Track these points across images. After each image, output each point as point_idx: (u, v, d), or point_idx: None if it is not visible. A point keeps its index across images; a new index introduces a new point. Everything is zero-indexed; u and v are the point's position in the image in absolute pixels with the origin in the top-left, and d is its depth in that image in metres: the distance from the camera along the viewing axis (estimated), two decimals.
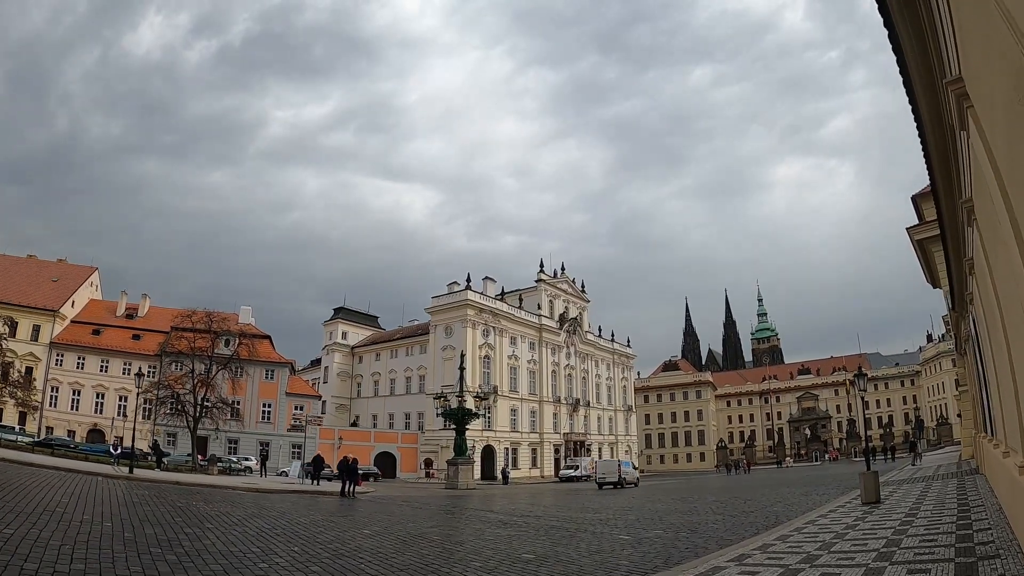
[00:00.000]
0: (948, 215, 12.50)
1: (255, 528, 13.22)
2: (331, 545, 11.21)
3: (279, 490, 28.01)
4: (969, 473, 19.78)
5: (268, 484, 31.75)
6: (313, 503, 22.21)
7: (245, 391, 62.39)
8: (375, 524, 15.74)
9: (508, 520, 17.52)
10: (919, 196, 35.62)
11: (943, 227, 13.56)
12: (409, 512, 19.93)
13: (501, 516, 18.87)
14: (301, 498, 24.79)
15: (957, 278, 14.20)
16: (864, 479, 14.42)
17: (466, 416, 43.48)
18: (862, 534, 9.86)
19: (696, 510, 18.31)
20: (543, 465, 74.69)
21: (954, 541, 8.22)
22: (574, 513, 19.21)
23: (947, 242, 14.25)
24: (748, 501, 20.43)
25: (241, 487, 27.66)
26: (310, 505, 21.21)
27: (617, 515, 17.90)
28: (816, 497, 20.24)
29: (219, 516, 14.94)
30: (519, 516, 18.66)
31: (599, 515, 18.14)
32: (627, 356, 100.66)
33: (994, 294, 7.02)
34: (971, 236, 9.19)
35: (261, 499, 22.67)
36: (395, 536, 13.21)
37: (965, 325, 18.96)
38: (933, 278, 36.85)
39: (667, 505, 20.94)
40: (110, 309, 67.40)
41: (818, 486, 26.52)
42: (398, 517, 18.23)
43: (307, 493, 27.64)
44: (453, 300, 71.70)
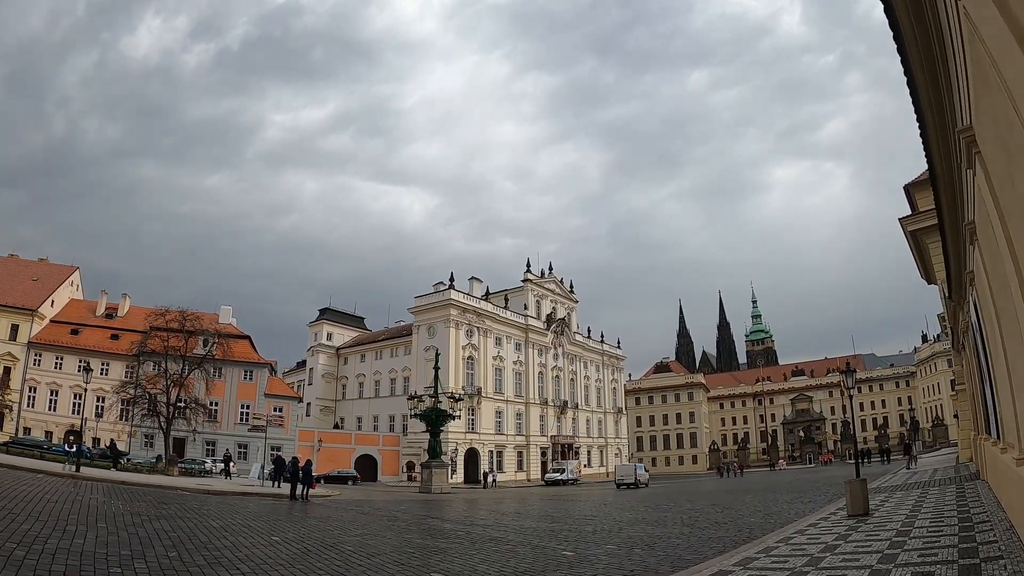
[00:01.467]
0: (947, 192, 10.76)
1: (152, 529, 12.03)
2: (219, 552, 10.03)
3: (230, 492, 26.55)
4: (969, 479, 17.90)
5: (223, 486, 30.17)
6: (253, 506, 20.63)
7: (223, 392, 61.30)
8: (294, 531, 14.10)
9: (452, 530, 15.86)
10: (912, 185, 33.94)
11: (939, 196, 11.79)
12: (349, 519, 18.07)
13: (448, 524, 17.13)
14: (246, 501, 23.25)
15: (955, 255, 12.33)
16: (850, 488, 12.52)
17: (440, 417, 41.51)
18: (842, 560, 7.95)
19: (665, 520, 16.39)
20: (529, 468, 72.70)
21: (957, 574, 6.31)
22: (531, 522, 17.32)
23: (944, 212, 12.46)
24: (726, 510, 18.52)
25: (192, 488, 26.27)
26: (246, 508, 19.53)
27: (575, 525, 16.03)
28: (800, 505, 18.36)
29: (125, 515, 13.72)
30: (468, 524, 16.87)
31: (555, 524, 16.28)
32: (617, 357, 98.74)
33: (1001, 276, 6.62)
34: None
35: (200, 500, 21.21)
36: (302, 545, 11.66)
37: (963, 316, 17.10)
38: (928, 273, 35.16)
39: (636, 514, 19.03)
40: (90, 309, 66.04)
41: (806, 492, 24.69)
42: (331, 524, 16.43)
43: (258, 495, 26.16)
44: (436, 300, 69.81)
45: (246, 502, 22.43)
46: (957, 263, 12.32)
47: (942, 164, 9.73)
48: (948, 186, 10.38)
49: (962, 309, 17.27)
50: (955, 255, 12.29)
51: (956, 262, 12.35)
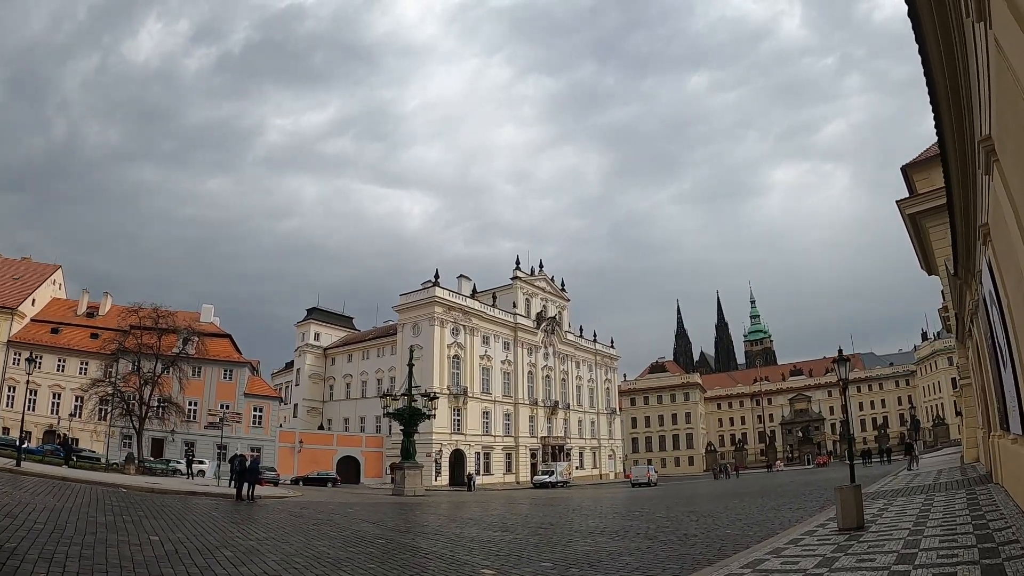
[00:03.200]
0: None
1: (27, 520, 10.97)
2: (66, 547, 8.82)
3: (176, 491, 24.80)
4: (979, 482, 15.70)
5: (173, 485, 28.38)
6: (179, 504, 18.87)
7: (202, 392, 59.57)
8: (189, 531, 12.41)
9: (376, 536, 13.83)
10: (910, 166, 31.83)
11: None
12: (273, 521, 16.13)
13: (379, 530, 15.13)
14: (186, 500, 21.52)
15: (962, 210, 10.17)
16: (841, 496, 10.31)
17: (415, 417, 39.36)
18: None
19: (628, 531, 14.24)
20: (518, 470, 70.44)
21: None
22: (476, 530, 15.25)
23: (951, 170, 10.36)
24: (703, 518, 16.31)
25: (137, 486, 24.49)
26: (171, 507, 17.80)
27: (524, 535, 13.96)
28: (789, 513, 16.18)
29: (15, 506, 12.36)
30: (401, 532, 14.96)
31: (502, 534, 14.23)
32: (611, 357, 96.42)
33: None
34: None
35: (134, 498, 19.40)
36: (178, 546, 10.12)
37: (972, 293, 14.93)
38: (927, 261, 32.98)
39: (601, 522, 16.85)
40: (72, 308, 64.84)
41: (797, 496, 22.52)
42: (245, 525, 14.54)
43: (205, 495, 24.45)
44: (420, 298, 67.69)
45: (183, 501, 20.78)
46: (965, 215, 10.15)
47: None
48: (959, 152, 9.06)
49: (970, 287, 15.09)
50: (962, 210, 10.14)
51: (964, 215, 10.19)
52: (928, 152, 31.61)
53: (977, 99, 6.87)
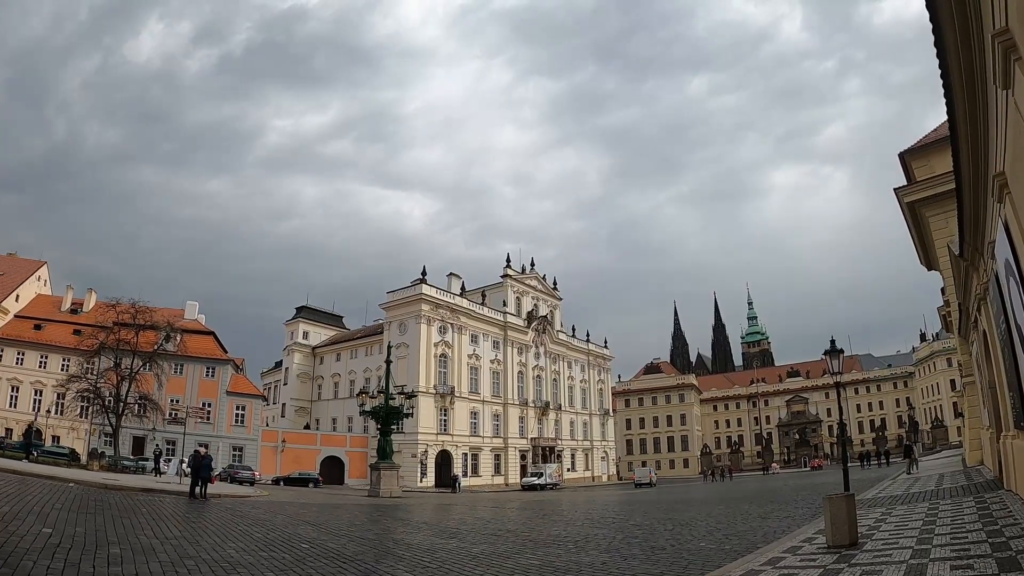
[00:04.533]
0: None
1: None
2: None
3: (130, 487, 23.49)
4: (988, 488, 14.01)
5: (129, 481, 26.88)
6: (125, 501, 17.59)
7: (184, 389, 58.57)
8: (91, 526, 11.33)
9: (305, 539, 12.44)
10: (909, 152, 30.19)
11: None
12: (210, 520, 14.73)
13: (314, 534, 13.50)
14: (136, 496, 20.30)
15: (970, 162, 8.51)
16: (831, 507, 8.58)
17: (391, 415, 37.69)
18: None
19: (590, 541, 12.60)
20: (507, 472, 68.68)
21: None
22: (422, 537, 13.76)
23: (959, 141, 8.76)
24: (679, 527, 14.61)
25: (91, 482, 23.31)
26: (115, 503, 16.58)
27: (469, 544, 12.35)
28: (775, 523, 14.48)
29: None
30: (336, 536, 13.42)
31: (444, 542, 12.55)
32: (604, 357, 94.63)
33: None
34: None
35: (76, 493, 18.14)
36: (71, 540, 9.27)
37: (980, 276, 13.26)
38: (927, 255, 31.29)
39: (562, 530, 15.22)
40: (56, 304, 64.22)
41: (788, 503, 20.85)
42: (170, 524, 13.28)
43: (160, 492, 23.14)
44: (407, 295, 65.95)
45: (130, 497, 19.51)
46: (974, 166, 8.49)
47: (964, 94, 7.68)
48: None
49: (977, 269, 13.42)
50: (971, 158, 8.47)
51: (973, 166, 8.53)
52: (927, 138, 29.98)
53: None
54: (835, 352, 14.16)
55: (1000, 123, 7.01)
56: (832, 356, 14.18)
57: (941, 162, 27.03)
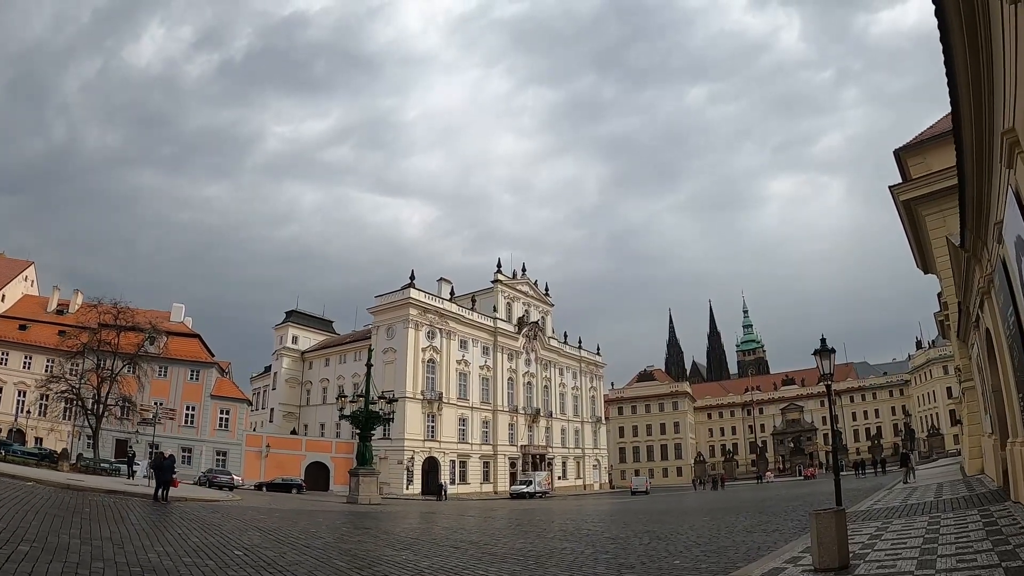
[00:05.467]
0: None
1: None
2: None
3: (94, 488, 22.72)
4: (992, 499, 12.83)
5: (97, 483, 25.97)
6: (82, 502, 16.74)
7: (168, 392, 57.68)
8: (17, 524, 10.70)
9: (240, 546, 11.55)
10: (904, 149, 29.19)
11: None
12: (156, 523, 14.03)
13: (257, 540, 12.62)
14: (87, 496, 19.29)
15: (973, 121, 7.40)
16: (819, 525, 7.38)
17: (371, 420, 36.50)
18: None
19: (551, 556, 11.44)
20: (496, 479, 67.33)
21: None
22: (373, 547, 12.43)
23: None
24: (657, 541, 13.38)
25: (58, 482, 22.66)
26: (64, 503, 15.77)
27: (418, 559, 11.03)
28: (760, 536, 13.29)
29: None
30: (279, 543, 12.09)
31: (395, 553, 11.25)
32: (596, 364, 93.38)
33: None
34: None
35: (30, 492, 17.56)
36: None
37: (981, 270, 12.14)
38: (924, 258, 30.25)
39: (528, 543, 14.01)
40: (42, 304, 63.44)
41: (778, 514, 19.65)
42: (108, 525, 12.64)
43: (122, 494, 22.34)
44: (395, 299, 64.82)
45: (84, 497, 18.70)
46: (978, 127, 7.37)
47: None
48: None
49: (980, 261, 12.30)
50: (974, 117, 7.35)
51: (976, 127, 7.41)
52: (923, 135, 29.02)
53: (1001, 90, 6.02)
54: (825, 352, 13.01)
55: (1008, 60, 5.88)
56: (822, 356, 13.02)
57: (938, 159, 26.03)
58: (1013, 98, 6.14)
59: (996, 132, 6.98)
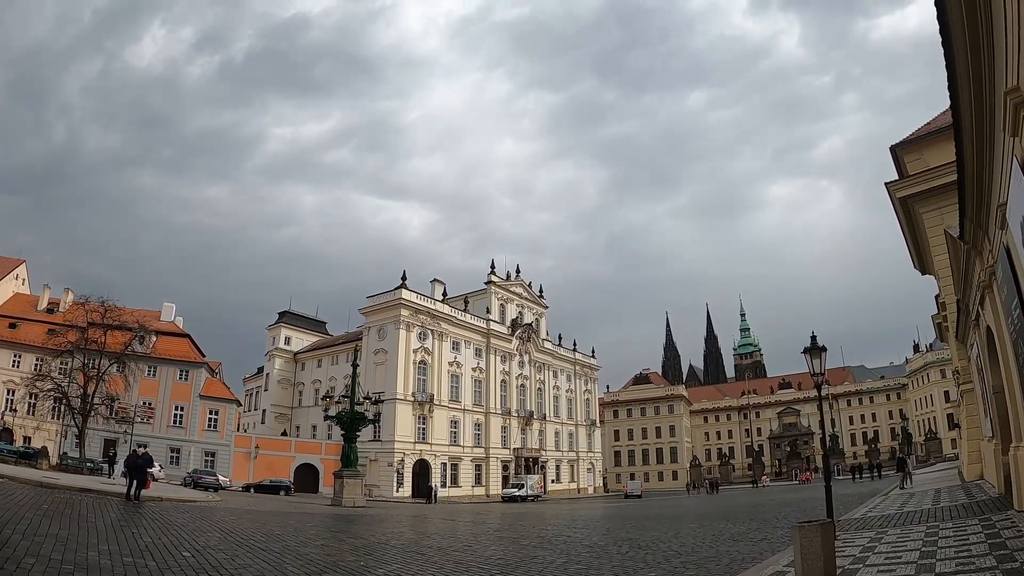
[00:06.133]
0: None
1: None
2: None
3: (67, 486, 22.20)
4: (994, 508, 12.03)
5: (72, 481, 25.40)
6: (43, 499, 16.22)
7: (157, 392, 57.23)
8: None
9: (178, 546, 11.04)
10: (901, 146, 28.46)
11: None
12: (111, 522, 13.30)
13: (210, 540, 12.21)
14: (54, 494, 18.79)
15: (971, 79, 6.60)
16: (803, 539, 6.54)
17: (356, 421, 35.69)
18: None
19: (520, 565, 10.78)
20: (488, 483, 66.42)
21: None
22: (326, 552, 11.87)
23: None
24: (636, 551, 12.54)
25: (31, 479, 22.46)
26: (26, 501, 15.30)
27: (376, 564, 10.28)
28: (746, 546, 12.47)
29: None
30: (236, 544, 11.50)
31: (353, 561, 10.62)
32: (591, 367, 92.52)
33: None
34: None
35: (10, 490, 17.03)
36: None
37: (982, 263, 11.37)
38: (921, 258, 29.49)
39: (498, 550, 13.29)
40: (33, 303, 62.53)
41: (768, 521, 18.84)
42: (57, 522, 12.35)
43: (95, 492, 21.80)
44: (386, 300, 63.97)
45: (50, 494, 18.27)
46: (978, 89, 6.58)
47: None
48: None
49: (981, 253, 11.54)
50: (973, 73, 6.56)
51: (976, 88, 6.61)
52: (920, 131, 28.30)
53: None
54: (816, 351, 12.21)
55: (1011, 7, 5.10)
56: (813, 355, 12.22)
57: (936, 155, 25.27)
58: (1017, 51, 5.35)
59: (998, 93, 6.17)
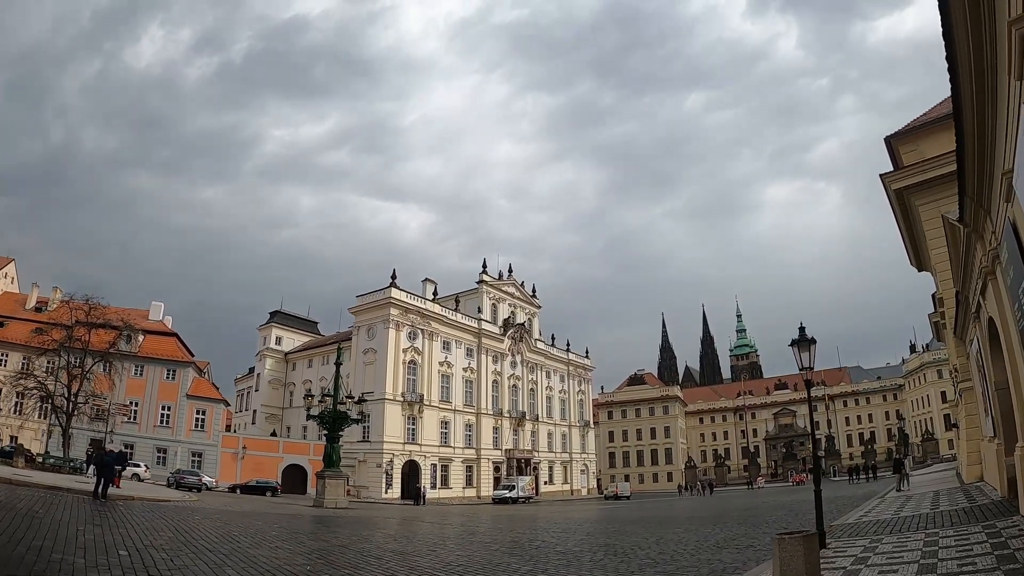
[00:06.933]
0: None
1: None
2: None
3: (36, 484, 21.98)
4: (997, 513, 11.10)
5: (45, 479, 24.92)
6: (10, 497, 15.73)
7: (143, 392, 56.51)
8: None
9: (135, 542, 10.24)
10: (896, 136, 27.63)
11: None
12: (63, 520, 12.80)
13: (161, 533, 11.60)
14: (27, 491, 18.51)
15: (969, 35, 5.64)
16: (782, 552, 5.62)
17: (339, 421, 34.77)
18: None
19: (479, 571, 9.73)
20: (480, 484, 65.44)
21: None
22: (275, 555, 10.70)
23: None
24: (612, 558, 11.60)
25: (4, 477, 22.53)
26: None
27: (321, 569, 9.34)
28: (730, 555, 11.55)
29: None
30: (185, 544, 10.80)
31: (299, 567, 9.57)
32: (584, 367, 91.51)
33: None
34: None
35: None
36: None
37: (983, 246, 10.47)
38: (917, 253, 28.68)
39: (467, 555, 12.40)
40: (21, 301, 62.21)
41: (756, 526, 17.93)
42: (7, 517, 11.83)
43: (65, 490, 21.36)
44: (375, 299, 62.96)
45: (13, 492, 17.88)
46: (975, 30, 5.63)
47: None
48: None
49: (983, 236, 10.63)
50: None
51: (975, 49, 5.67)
52: (915, 121, 27.49)
53: None
54: (804, 343, 11.29)
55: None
56: (801, 348, 11.30)
57: (932, 146, 24.42)
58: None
59: (1000, 25, 5.23)
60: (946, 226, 13.69)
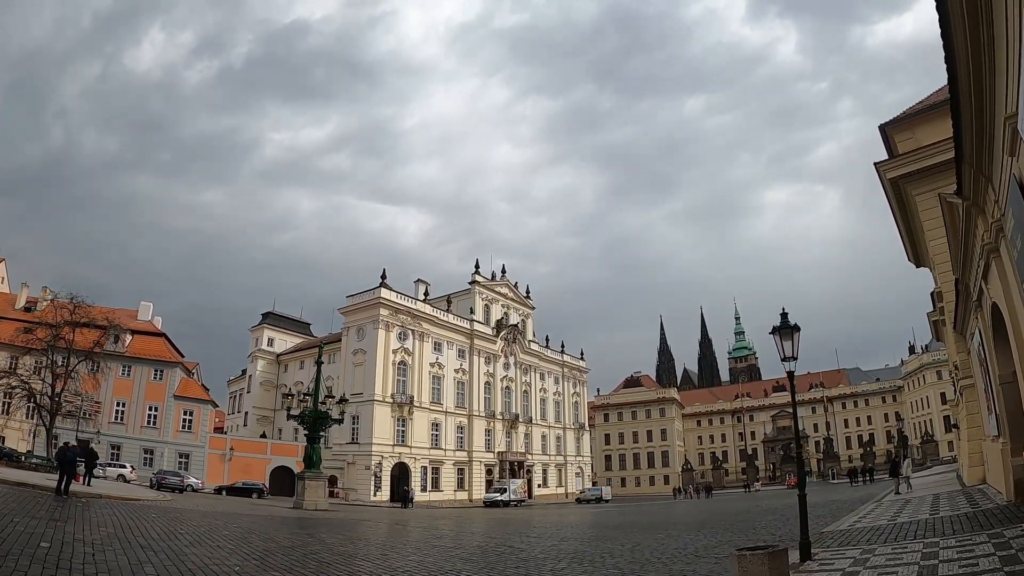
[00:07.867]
0: None
1: None
2: None
3: (6, 481, 21.41)
4: (1003, 519, 9.97)
5: (13, 476, 23.98)
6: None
7: (131, 392, 55.69)
8: None
9: (57, 538, 8.80)
10: (891, 124, 26.55)
11: None
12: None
13: (116, 538, 10.12)
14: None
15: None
16: (743, 570, 4.54)
17: (320, 421, 33.72)
18: None
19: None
20: (471, 487, 64.27)
21: None
22: (214, 556, 9.69)
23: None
24: (575, 566, 10.56)
25: None
26: None
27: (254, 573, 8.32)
28: (707, 564, 10.43)
29: None
30: (126, 543, 9.50)
31: (236, 568, 8.61)
32: (580, 369, 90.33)
33: None
34: None
35: None
36: None
37: (985, 219, 9.39)
38: (915, 247, 27.64)
39: (417, 561, 11.26)
40: (10, 301, 60.79)
41: (743, 532, 16.84)
42: None
43: (32, 486, 20.87)
44: (365, 299, 61.90)
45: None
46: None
47: None
48: None
49: (983, 210, 9.54)
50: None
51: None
52: (911, 108, 26.42)
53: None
54: (787, 330, 10.19)
55: None
56: (783, 336, 10.20)
57: (928, 133, 23.35)
58: None
59: None
60: (944, 206, 12.61)
